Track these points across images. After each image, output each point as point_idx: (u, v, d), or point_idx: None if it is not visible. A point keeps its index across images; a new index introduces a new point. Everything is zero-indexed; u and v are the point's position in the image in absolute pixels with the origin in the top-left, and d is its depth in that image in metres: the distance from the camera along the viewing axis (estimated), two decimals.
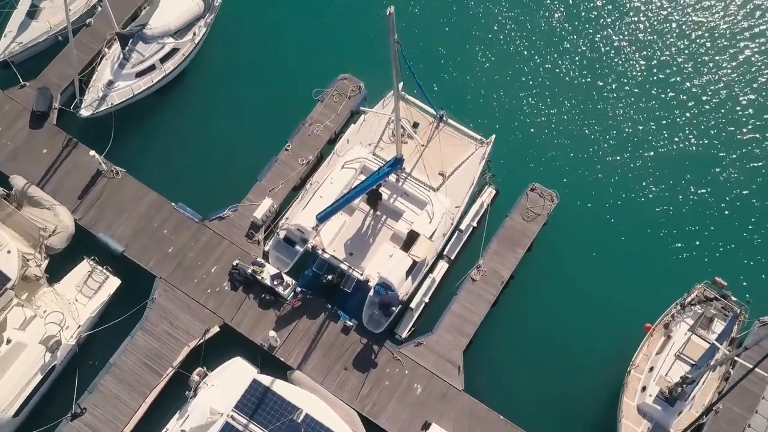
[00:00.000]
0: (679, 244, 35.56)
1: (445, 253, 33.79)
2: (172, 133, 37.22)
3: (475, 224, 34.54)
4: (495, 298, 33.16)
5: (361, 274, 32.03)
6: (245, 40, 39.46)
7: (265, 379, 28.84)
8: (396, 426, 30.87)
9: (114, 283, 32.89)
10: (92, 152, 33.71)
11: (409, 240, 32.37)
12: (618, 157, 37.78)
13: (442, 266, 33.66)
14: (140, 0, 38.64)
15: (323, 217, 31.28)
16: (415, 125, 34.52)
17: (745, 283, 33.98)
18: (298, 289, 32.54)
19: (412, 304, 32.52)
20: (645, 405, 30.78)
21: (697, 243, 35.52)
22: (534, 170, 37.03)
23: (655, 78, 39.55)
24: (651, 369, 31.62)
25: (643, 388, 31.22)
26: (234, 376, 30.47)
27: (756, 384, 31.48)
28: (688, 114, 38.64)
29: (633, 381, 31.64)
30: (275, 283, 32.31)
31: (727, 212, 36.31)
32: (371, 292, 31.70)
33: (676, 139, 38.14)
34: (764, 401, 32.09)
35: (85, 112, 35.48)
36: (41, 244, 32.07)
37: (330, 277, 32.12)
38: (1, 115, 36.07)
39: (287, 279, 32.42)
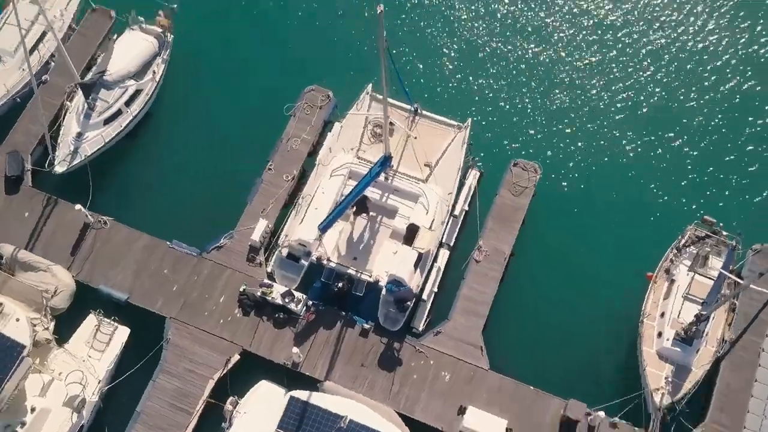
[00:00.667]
0: (664, 193, 36.95)
1: (444, 240, 34.37)
2: (150, 173, 37.02)
3: (467, 208, 35.21)
4: (501, 274, 33.88)
5: (370, 276, 32.39)
6: (205, 69, 39.47)
7: (302, 394, 29.00)
8: (432, 416, 31.32)
9: (124, 332, 32.56)
10: (77, 206, 33.33)
11: (410, 234, 32.87)
12: (591, 123, 39.07)
13: (444, 253, 34.24)
14: (93, 48, 38.27)
15: (325, 227, 31.56)
16: (392, 123, 34.95)
17: (732, 217, 35.26)
18: (310, 303, 32.74)
19: (424, 296, 33.01)
20: (664, 349, 31.77)
21: (681, 188, 37.01)
22: (513, 147, 38.06)
23: (611, 42, 40.86)
24: (662, 314, 32.66)
25: (659, 334, 32.22)
26: (264, 399, 30.64)
27: (765, 311, 32.88)
28: (651, 69, 40.15)
29: (648, 329, 32.63)
30: (286, 300, 32.44)
31: (703, 155, 37.88)
32: (383, 292, 32.09)
33: (643, 97, 39.65)
34: None
35: (59, 168, 35.06)
36: (45, 306, 31.62)
37: (340, 284, 32.39)
38: None
39: (297, 294, 32.57)
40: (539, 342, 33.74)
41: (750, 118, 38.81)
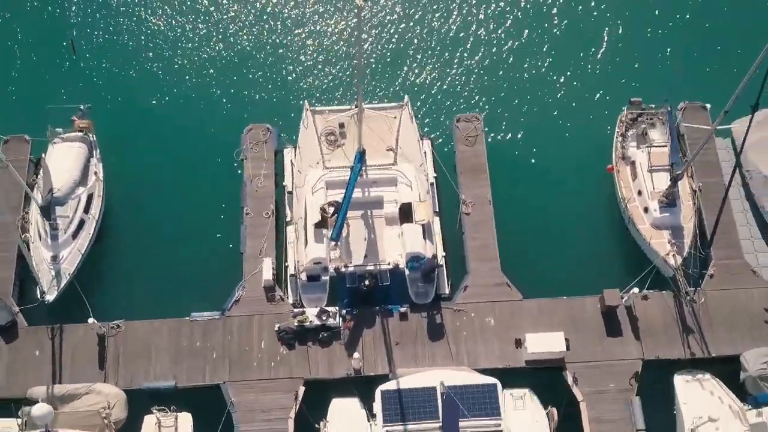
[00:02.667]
0: (589, 93, 41.04)
1: None
2: (135, 264, 36.89)
3: (435, 174, 37.49)
4: (493, 216, 36.46)
5: (389, 264, 34.10)
6: (140, 151, 39.52)
7: (389, 385, 30.37)
8: (496, 359, 33.45)
9: (186, 418, 32.43)
10: (90, 320, 33.19)
11: (405, 213, 34.85)
12: (506, 60, 42.71)
13: (435, 220, 36.37)
14: (26, 177, 37.60)
15: (337, 235, 33.03)
16: (342, 125, 36.88)
17: (654, 88, 39.39)
18: (344, 312, 34.07)
19: (439, 262, 35.03)
20: (656, 220, 35.17)
21: (602, 82, 41.22)
22: (449, 107, 40.94)
23: None
24: (639, 193, 36.10)
25: (645, 209, 35.63)
26: (343, 414, 31.77)
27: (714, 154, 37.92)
28: None
29: (634, 210, 36.00)
30: (323, 318, 33.61)
31: (612, 47, 42.41)
32: (407, 272, 33.92)
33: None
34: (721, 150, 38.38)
35: (50, 297, 34.43)
36: (108, 423, 31.26)
37: (367, 282, 33.87)
38: None
39: (330, 309, 33.81)
40: (549, 258, 36.52)
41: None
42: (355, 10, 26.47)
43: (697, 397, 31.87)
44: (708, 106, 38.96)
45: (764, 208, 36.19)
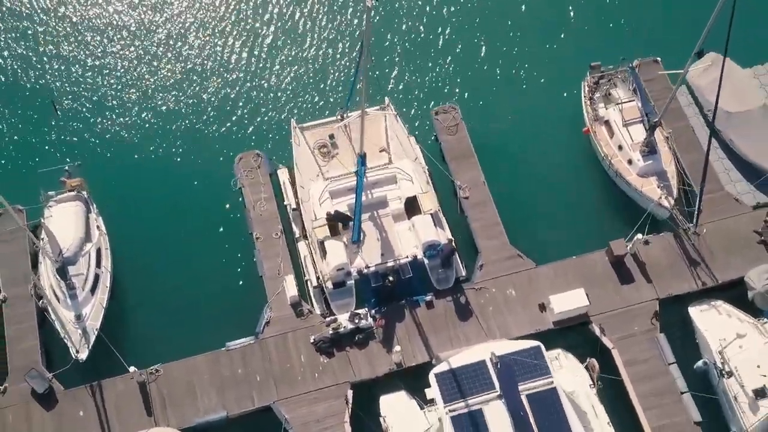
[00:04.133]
0: (553, 67, 43.52)
1: None
2: (155, 309, 37.10)
3: (426, 167, 39.02)
4: (490, 195, 38.19)
5: (407, 257, 35.42)
6: (137, 199, 39.84)
7: (441, 367, 31.52)
8: (526, 326, 35.13)
9: None
10: (132, 368, 33.52)
11: (412, 206, 36.28)
12: (472, 50, 44.85)
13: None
14: (29, 246, 37.46)
15: (357, 238, 34.18)
16: (332, 137, 38.09)
17: (610, 52, 41.78)
18: (373, 311, 35.20)
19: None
20: (641, 169, 37.56)
21: (563, 54, 43.85)
22: (424, 104, 42.61)
23: None
24: (620, 147, 38.47)
25: (629, 161, 38.02)
26: (394, 407, 32.92)
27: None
28: None
29: (618, 164, 38.28)
30: (356, 321, 34.66)
31: (567, 17, 45.35)
32: (426, 261, 35.31)
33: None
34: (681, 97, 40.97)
35: (83, 355, 34.50)
36: None
37: (390, 278, 35.08)
38: (12, 427, 33.97)
39: (360, 311, 34.91)
40: (550, 224, 38.62)
41: None
42: (361, 13, 27.62)
43: (716, 322, 34.25)
44: (659, 59, 41.81)
45: (732, 141, 38.94)
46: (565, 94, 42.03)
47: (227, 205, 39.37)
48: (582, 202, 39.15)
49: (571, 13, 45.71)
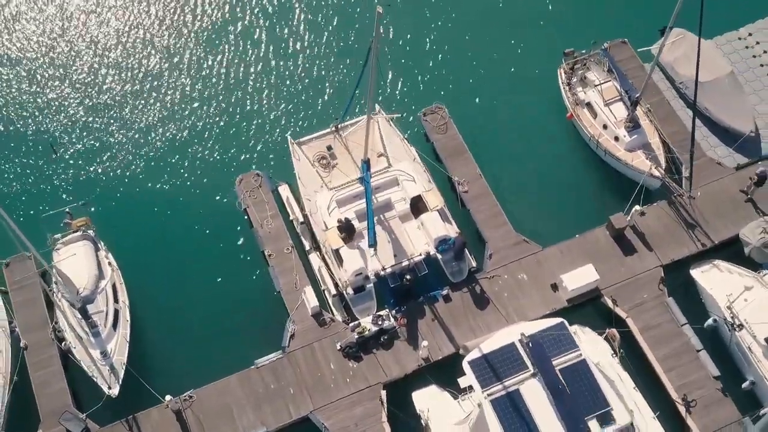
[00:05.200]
0: (529, 57, 45.14)
1: None
2: (179, 333, 37.39)
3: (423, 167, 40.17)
4: (489, 188, 39.50)
5: (420, 254, 36.45)
6: (144, 231, 40.05)
7: (473, 354, 32.52)
8: (542, 307, 36.43)
9: None
10: (168, 396, 33.76)
11: (418, 205, 37.33)
12: (452, 50, 46.25)
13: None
14: (40, 293, 37.43)
15: (373, 241, 35.10)
16: (329, 148, 39.00)
17: (582, 36, 43.65)
18: (394, 312, 36.13)
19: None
20: (628, 144, 39.25)
21: (537, 44, 45.39)
22: (409, 107, 43.84)
23: None
24: (605, 126, 40.20)
25: (616, 138, 39.75)
26: (428, 401, 33.86)
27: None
28: None
29: (606, 143, 39.88)
30: (379, 323, 35.53)
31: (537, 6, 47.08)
32: (438, 256, 36.39)
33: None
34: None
35: (114, 391, 34.62)
36: None
37: (408, 276, 36.04)
38: None
39: (382, 313, 35.80)
40: (549, 207, 39.96)
41: None
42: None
43: (719, 279, 36.04)
44: (626, 40, 43.88)
45: (707, 108, 40.94)
46: (545, 83, 43.56)
47: (234, 227, 39.85)
48: (577, 183, 40.68)
49: (542, 6, 47.45)
